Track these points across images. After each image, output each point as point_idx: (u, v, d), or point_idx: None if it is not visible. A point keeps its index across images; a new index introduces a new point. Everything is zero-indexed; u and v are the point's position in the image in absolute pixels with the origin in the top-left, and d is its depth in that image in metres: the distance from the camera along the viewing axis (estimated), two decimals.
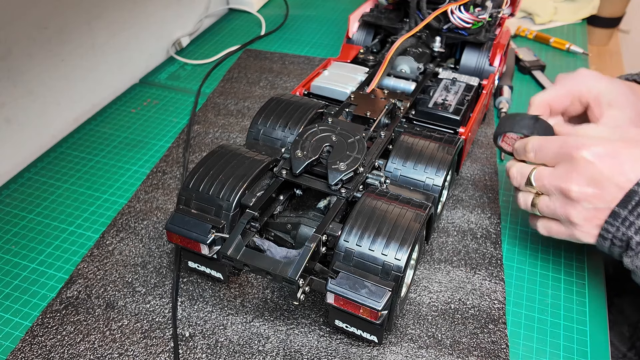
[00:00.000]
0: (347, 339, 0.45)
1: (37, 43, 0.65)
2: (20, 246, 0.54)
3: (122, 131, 0.71)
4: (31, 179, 0.63)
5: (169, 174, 0.63)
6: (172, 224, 0.44)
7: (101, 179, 0.63)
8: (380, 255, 0.39)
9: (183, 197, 0.45)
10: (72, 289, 0.49)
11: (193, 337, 0.45)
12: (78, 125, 0.73)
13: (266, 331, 0.45)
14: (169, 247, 0.53)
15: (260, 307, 0.47)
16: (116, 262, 0.52)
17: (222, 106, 0.75)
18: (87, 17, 0.72)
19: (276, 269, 0.39)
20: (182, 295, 0.48)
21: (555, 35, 0.90)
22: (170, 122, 0.73)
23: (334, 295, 0.39)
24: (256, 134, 0.52)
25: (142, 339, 0.45)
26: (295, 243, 0.44)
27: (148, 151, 0.67)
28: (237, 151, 0.48)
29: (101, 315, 0.47)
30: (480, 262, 0.51)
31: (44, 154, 0.67)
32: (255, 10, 1.03)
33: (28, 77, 0.65)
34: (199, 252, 0.44)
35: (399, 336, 0.45)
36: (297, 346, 0.44)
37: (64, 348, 0.44)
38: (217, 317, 0.47)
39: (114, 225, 0.56)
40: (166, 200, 0.59)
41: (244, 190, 0.44)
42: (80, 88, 0.74)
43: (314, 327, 0.46)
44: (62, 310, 0.47)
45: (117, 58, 0.79)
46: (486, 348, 0.44)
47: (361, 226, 0.40)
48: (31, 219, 0.58)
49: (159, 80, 0.82)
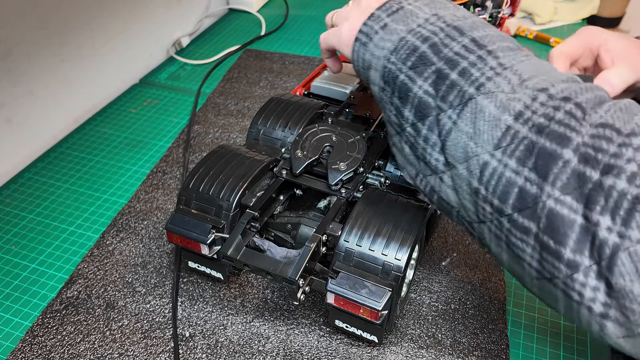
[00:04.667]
0: (347, 339, 0.45)
1: (37, 43, 0.65)
2: (21, 246, 0.54)
3: (122, 131, 0.71)
4: (31, 179, 0.63)
5: (169, 174, 0.63)
6: (172, 224, 0.44)
7: (101, 179, 0.63)
8: (380, 256, 0.39)
9: (183, 197, 0.45)
10: (72, 289, 0.49)
11: (193, 337, 0.45)
12: (78, 126, 0.73)
13: (266, 331, 0.45)
14: (169, 247, 0.53)
15: (261, 307, 0.47)
16: (116, 262, 0.52)
17: (222, 106, 0.75)
18: (87, 17, 0.72)
19: (276, 269, 0.39)
20: (182, 295, 0.48)
21: (555, 35, 0.90)
22: (170, 122, 0.73)
23: (334, 295, 0.39)
24: (256, 134, 0.52)
25: (142, 339, 0.45)
26: (296, 243, 0.44)
27: (148, 151, 0.67)
28: (237, 151, 0.48)
29: (101, 316, 0.47)
30: (481, 262, 0.51)
31: (44, 154, 0.67)
32: (255, 10, 1.03)
33: (28, 78, 0.65)
34: (199, 252, 0.44)
35: (399, 336, 0.45)
36: (297, 346, 0.44)
37: (64, 348, 0.44)
38: (217, 317, 0.47)
39: (114, 225, 0.56)
40: (166, 200, 0.59)
41: (244, 191, 0.44)
42: (81, 88, 0.74)
43: (314, 327, 0.46)
44: (62, 311, 0.47)
45: (117, 58, 0.79)
46: (486, 348, 0.44)
47: (361, 226, 0.40)
48: (31, 219, 0.57)
49: (159, 81, 0.82)
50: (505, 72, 0.32)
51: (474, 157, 0.31)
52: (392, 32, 0.36)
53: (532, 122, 0.29)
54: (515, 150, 0.29)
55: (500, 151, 0.30)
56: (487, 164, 0.30)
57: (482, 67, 0.32)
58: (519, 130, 0.29)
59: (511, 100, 0.30)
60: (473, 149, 0.31)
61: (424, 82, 0.33)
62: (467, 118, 0.31)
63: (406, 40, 0.35)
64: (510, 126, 0.30)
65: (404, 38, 0.35)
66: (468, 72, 0.32)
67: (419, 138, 0.34)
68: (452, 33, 0.34)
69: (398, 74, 0.34)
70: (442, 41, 0.34)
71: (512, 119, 0.30)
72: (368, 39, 0.37)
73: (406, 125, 0.35)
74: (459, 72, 0.32)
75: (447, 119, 0.32)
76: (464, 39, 0.34)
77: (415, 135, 0.34)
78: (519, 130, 0.29)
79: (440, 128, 0.33)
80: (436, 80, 0.33)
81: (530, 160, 0.29)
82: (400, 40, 0.35)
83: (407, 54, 0.34)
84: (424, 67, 0.33)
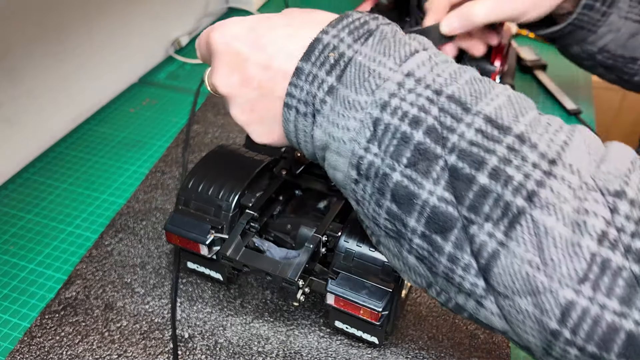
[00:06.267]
0: (347, 340, 0.45)
1: (35, 42, 0.65)
2: (19, 247, 0.54)
3: (120, 131, 0.71)
4: (29, 179, 0.63)
5: (168, 174, 0.63)
6: (171, 224, 0.44)
7: (100, 179, 0.63)
8: (380, 256, 0.39)
9: (182, 198, 0.45)
10: (70, 289, 0.49)
11: (192, 338, 0.45)
12: (77, 125, 0.73)
13: (266, 332, 0.45)
14: (168, 247, 0.53)
15: (260, 308, 0.47)
16: (115, 263, 0.51)
17: (222, 106, 0.74)
18: (86, 16, 0.71)
19: (276, 270, 0.39)
20: (182, 296, 0.48)
21: None
22: (170, 121, 0.72)
23: (334, 296, 0.39)
24: None
25: (141, 340, 0.45)
26: (295, 244, 0.44)
27: (147, 151, 0.67)
28: (236, 151, 0.48)
29: (100, 316, 0.46)
30: None
31: (43, 153, 0.67)
32: (255, 9, 1.03)
33: (26, 77, 0.65)
34: (198, 252, 0.43)
35: (400, 337, 0.45)
36: (297, 347, 0.44)
37: (63, 349, 0.44)
38: (217, 318, 0.46)
39: (113, 225, 0.56)
40: (165, 200, 0.59)
41: (244, 191, 0.44)
42: (79, 87, 0.73)
43: (314, 328, 0.45)
44: (60, 311, 0.47)
45: (116, 57, 0.79)
46: (487, 349, 0.44)
47: (361, 226, 0.40)
48: (29, 220, 0.57)
49: (158, 80, 0.82)
50: (556, 170, 0.24)
51: (546, 292, 0.23)
52: (350, 104, 0.27)
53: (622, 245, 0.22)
54: (614, 286, 0.22)
55: (590, 286, 0.23)
56: (574, 304, 0.23)
57: (521, 165, 0.24)
58: (610, 259, 0.22)
59: (583, 215, 0.23)
60: (544, 282, 0.23)
61: (434, 185, 0.25)
62: (525, 241, 0.24)
63: (386, 124, 0.26)
64: (596, 254, 0.23)
65: (380, 120, 0.26)
66: (504, 174, 0.24)
67: (439, 255, 0.26)
68: (451, 108, 0.26)
69: (389, 172, 0.26)
70: (443, 123, 0.25)
71: (596, 243, 0.23)
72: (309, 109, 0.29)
73: (411, 235, 0.27)
74: (490, 174, 0.24)
75: (487, 236, 0.24)
76: (473, 118, 0.25)
77: (431, 250, 0.26)
78: (609, 259, 0.22)
79: (477, 247, 0.25)
80: (454, 183, 0.25)
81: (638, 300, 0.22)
82: (375, 122, 0.26)
83: (397, 146, 0.26)
84: (428, 165, 0.25)
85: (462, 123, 0.25)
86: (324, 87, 0.28)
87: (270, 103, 0.31)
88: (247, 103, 0.32)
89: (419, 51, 0.28)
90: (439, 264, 0.26)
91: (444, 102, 0.26)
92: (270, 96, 0.31)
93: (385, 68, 0.27)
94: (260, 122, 0.32)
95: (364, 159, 0.27)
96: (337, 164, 0.29)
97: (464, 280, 0.26)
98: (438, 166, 0.25)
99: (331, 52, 0.28)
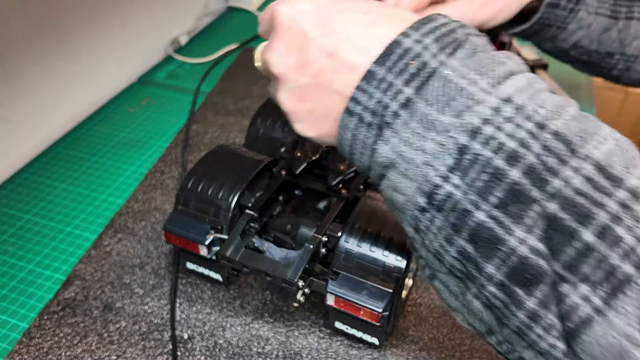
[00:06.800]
0: (347, 341, 0.44)
1: (34, 42, 0.64)
2: (17, 247, 0.54)
3: (120, 131, 0.71)
4: (28, 179, 0.63)
5: (167, 174, 0.62)
6: (171, 224, 0.43)
7: (99, 179, 0.62)
8: (381, 257, 0.39)
9: (182, 198, 0.44)
10: (69, 290, 0.49)
11: (192, 339, 0.44)
12: (75, 125, 0.72)
13: (266, 333, 0.45)
14: (167, 248, 0.53)
15: (260, 309, 0.47)
16: (114, 263, 0.51)
17: (221, 105, 0.74)
18: (85, 16, 0.71)
19: (275, 270, 0.39)
20: (181, 297, 0.48)
21: None
22: (169, 121, 0.72)
23: (334, 296, 0.39)
24: (255, 134, 0.51)
25: (140, 340, 0.44)
26: (295, 244, 0.44)
27: (146, 151, 0.67)
28: (236, 151, 0.47)
29: (99, 317, 0.46)
30: None
31: (41, 153, 0.67)
32: (255, 8, 1.03)
33: (25, 77, 0.64)
34: (197, 253, 0.43)
35: (400, 338, 0.44)
36: (297, 348, 0.44)
37: (61, 350, 0.44)
38: (216, 318, 0.46)
39: (112, 225, 0.55)
40: (164, 200, 0.59)
41: (243, 191, 0.43)
42: (78, 87, 0.73)
43: (314, 328, 0.45)
44: (59, 312, 0.47)
45: (115, 57, 0.79)
46: (488, 349, 0.43)
47: (362, 227, 0.40)
48: (28, 220, 0.57)
49: (157, 80, 0.82)
50: None
51: None
52: (430, 122, 0.24)
53: None
54: None
55: None
56: None
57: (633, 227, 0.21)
58: None
59: None
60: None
61: (526, 233, 0.22)
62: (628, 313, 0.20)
63: (474, 154, 0.22)
64: None
65: (468, 148, 0.23)
66: (613, 234, 0.21)
67: (516, 309, 0.23)
68: (555, 147, 0.22)
69: (472, 210, 0.23)
70: (545, 163, 0.22)
71: None
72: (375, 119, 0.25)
73: (485, 281, 0.23)
74: (597, 232, 0.21)
75: (581, 299, 0.21)
76: (581, 162, 0.22)
77: (508, 302, 0.23)
78: None
79: (567, 308, 0.21)
80: (551, 234, 0.21)
81: None
82: (461, 150, 0.23)
83: (487, 182, 0.22)
84: (521, 208, 0.22)
85: (568, 167, 0.22)
86: (400, 98, 0.24)
87: (324, 95, 0.28)
88: (299, 89, 0.28)
89: (516, 73, 0.24)
90: (513, 318, 0.23)
91: (548, 139, 0.22)
92: (326, 88, 0.27)
93: (476, 88, 0.23)
94: (309, 114, 0.29)
95: (440, 188, 0.23)
96: (402, 186, 0.25)
97: (541, 339, 0.22)
98: (533, 212, 0.21)
99: (412, 59, 0.24)
